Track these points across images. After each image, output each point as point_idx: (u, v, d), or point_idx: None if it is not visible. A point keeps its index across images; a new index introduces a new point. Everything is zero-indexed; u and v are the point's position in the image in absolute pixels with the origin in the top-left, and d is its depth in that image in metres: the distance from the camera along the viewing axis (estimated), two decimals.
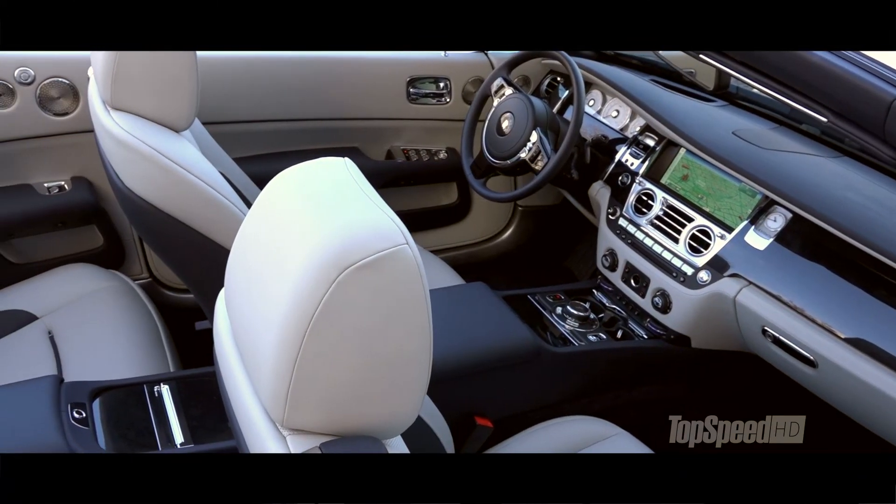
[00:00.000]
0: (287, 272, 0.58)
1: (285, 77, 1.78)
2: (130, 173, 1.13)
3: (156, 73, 1.11)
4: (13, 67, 1.49)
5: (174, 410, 1.19)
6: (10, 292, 1.60)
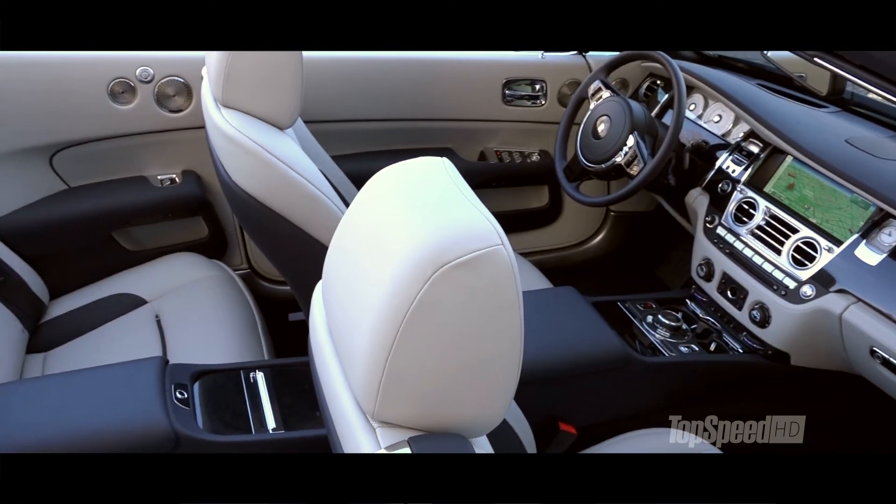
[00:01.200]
0: (383, 268, 0.59)
1: (384, 78, 1.81)
2: (237, 168, 1.19)
3: (264, 73, 1.16)
4: (135, 67, 1.59)
5: (268, 397, 1.24)
6: (124, 277, 1.71)
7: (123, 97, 1.62)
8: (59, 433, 1.06)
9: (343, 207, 1.24)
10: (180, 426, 1.09)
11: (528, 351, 0.66)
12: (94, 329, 1.58)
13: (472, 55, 1.87)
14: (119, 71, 1.58)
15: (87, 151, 1.67)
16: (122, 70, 1.58)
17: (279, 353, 1.60)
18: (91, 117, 1.61)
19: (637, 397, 1.41)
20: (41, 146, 1.63)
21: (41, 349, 1.55)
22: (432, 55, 1.84)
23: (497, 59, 1.88)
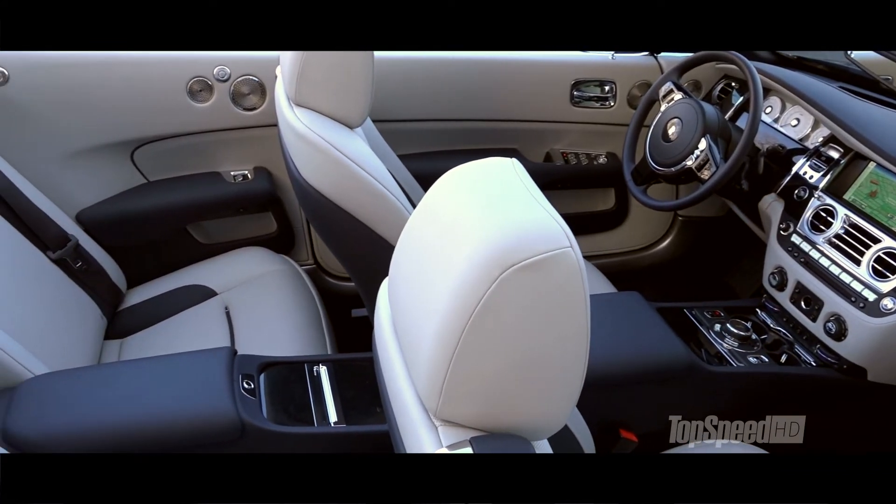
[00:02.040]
0: (451, 267, 0.59)
1: (452, 78, 1.82)
2: (307, 165, 1.21)
3: (336, 73, 1.18)
4: (213, 66, 1.65)
5: (330, 390, 1.26)
6: (196, 269, 1.77)
7: (201, 95, 1.67)
8: (132, 417, 1.11)
9: (409, 206, 1.25)
10: (247, 416, 1.12)
11: (590, 355, 0.65)
12: (167, 318, 1.64)
13: (540, 55, 1.86)
14: (198, 70, 1.64)
15: (165, 147, 1.74)
16: (200, 69, 1.64)
17: (341, 348, 1.62)
18: (170, 114, 1.67)
19: (701, 407, 1.37)
20: (123, 141, 1.70)
21: (118, 336, 1.62)
22: (501, 55, 1.84)
23: (566, 59, 1.86)
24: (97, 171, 1.71)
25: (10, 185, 1.45)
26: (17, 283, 1.38)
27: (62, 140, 1.64)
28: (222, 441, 1.12)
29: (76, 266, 1.55)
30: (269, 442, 1.13)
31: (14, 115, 1.57)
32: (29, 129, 1.59)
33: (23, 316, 1.32)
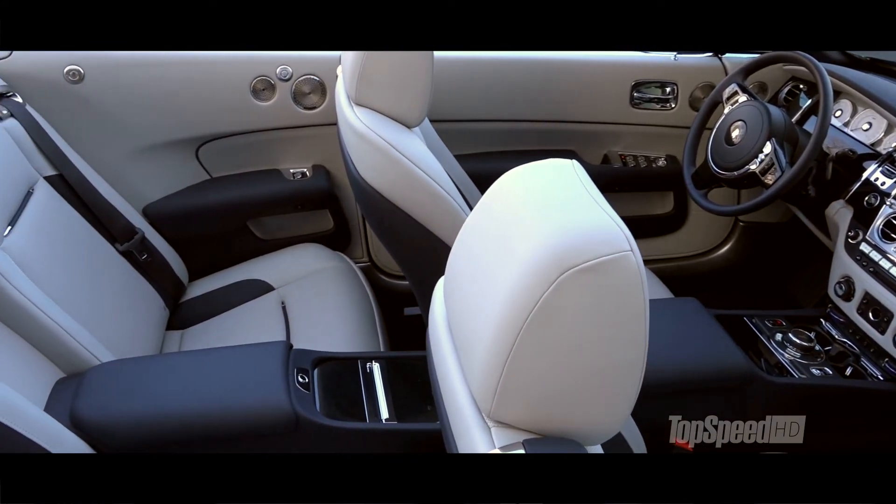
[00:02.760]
0: (508, 268, 0.59)
1: (509, 78, 1.82)
2: (365, 164, 1.23)
3: (396, 73, 1.19)
4: (276, 66, 1.68)
5: (382, 387, 1.27)
6: (254, 264, 1.82)
7: (264, 94, 1.71)
8: (191, 406, 1.14)
9: (465, 206, 1.25)
10: (301, 409, 1.14)
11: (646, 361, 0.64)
12: (226, 311, 1.69)
13: (600, 56, 1.83)
14: (261, 69, 1.68)
15: (228, 144, 1.79)
16: (264, 69, 1.68)
17: (393, 346, 1.64)
18: (234, 113, 1.72)
19: (760, 418, 1.33)
20: (189, 138, 1.76)
21: (179, 326, 1.68)
22: (560, 55, 1.82)
23: (627, 60, 1.83)
24: (163, 167, 1.77)
25: (83, 179, 1.51)
26: (89, 273, 1.44)
27: (132, 136, 1.70)
28: (276, 433, 1.14)
29: (142, 258, 1.60)
30: (321, 436, 1.15)
31: (88, 113, 1.64)
32: (101, 126, 1.66)
33: (92, 305, 1.38)
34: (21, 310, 1.19)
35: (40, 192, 1.41)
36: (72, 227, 1.46)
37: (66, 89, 1.60)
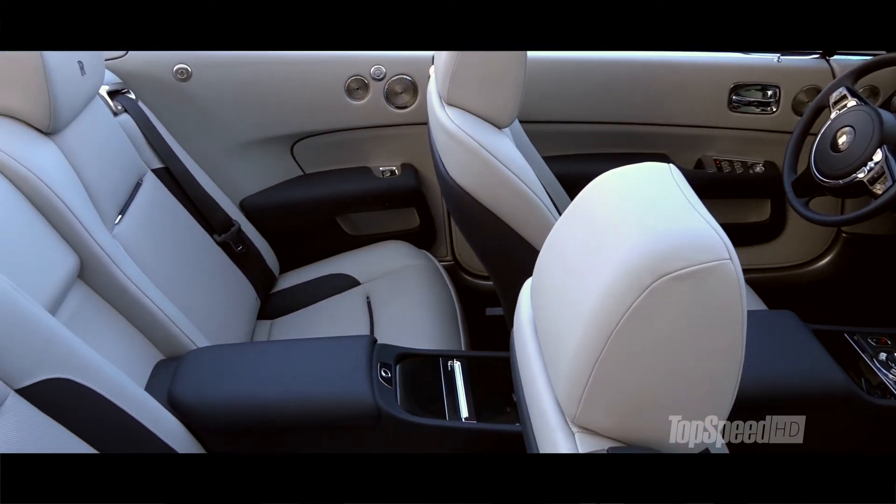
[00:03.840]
0: (600, 272, 0.58)
1: (599, 78, 1.79)
2: (454, 163, 1.23)
3: (489, 73, 1.19)
4: (370, 65, 1.72)
5: (463, 386, 1.27)
6: (342, 259, 1.86)
7: (357, 93, 1.75)
8: (278, 393, 1.18)
9: (552, 208, 1.24)
10: (383, 403, 1.15)
11: None
12: (313, 303, 1.74)
13: (697, 56, 1.77)
14: (356, 69, 1.72)
15: (321, 142, 1.84)
16: (358, 68, 1.72)
17: (474, 346, 1.64)
18: (328, 111, 1.77)
19: (857, 442, 1.26)
20: (285, 135, 1.82)
21: (269, 316, 1.74)
22: (652, 55, 1.78)
23: (726, 61, 1.77)
24: (260, 162, 1.84)
25: (187, 172, 1.59)
26: (189, 261, 1.51)
27: (232, 132, 1.78)
28: (358, 425, 1.16)
29: (237, 249, 1.67)
30: (401, 430, 1.16)
31: (193, 109, 1.72)
32: (205, 122, 1.75)
33: (191, 292, 1.45)
34: (128, 294, 1.26)
35: (148, 183, 1.50)
36: (175, 217, 1.54)
37: (174, 87, 1.69)
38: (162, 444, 1.05)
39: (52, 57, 1.21)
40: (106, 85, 1.53)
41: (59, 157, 1.25)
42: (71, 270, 1.19)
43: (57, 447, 0.89)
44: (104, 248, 1.24)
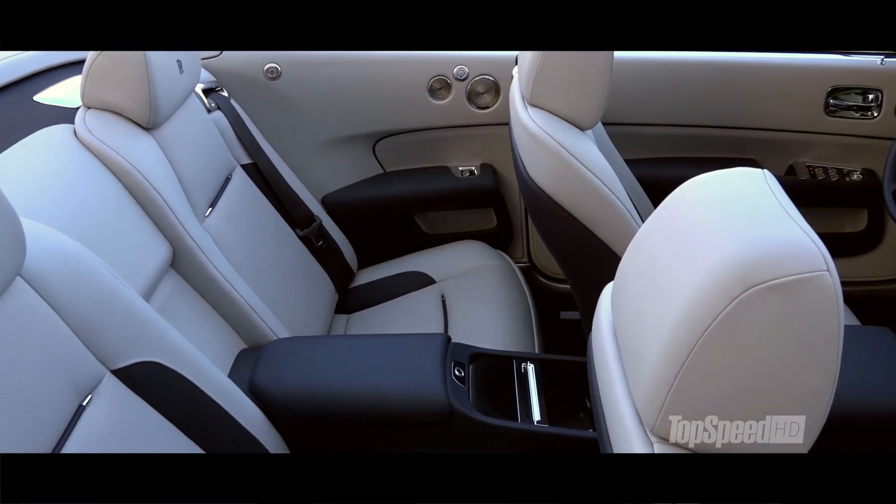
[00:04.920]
0: (687, 279, 0.57)
1: (683, 80, 1.74)
2: (535, 165, 1.23)
3: (574, 74, 1.18)
4: (453, 66, 1.73)
5: (535, 389, 1.26)
6: (419, 257, 1.88)
7: (440, 93, 1.77)
8: (354, 386, 1.20)
9: (634, 213, 1.21)
10: (455, 401, 1.16)
11: None
12: (389, 300, 1.76)
13: (791, 57, 1.70)
14: (439, 69, 1.74)
15: (403, 141, 1.86)
16: (442, 68, 1.74)
17: (547, 349, 1.63)
18: (411, 110, 1.79)
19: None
20: (368, 134, 1.86)
21: (346, 311, 1.77)
22: (744, 56, 1.71)
23: (823, 62, 1.68)
24: (343, 160, 1.88)
25: (273, 168, 1.64)
26: (272, 255, 1.56)
27: (317, 130, 1.83)
28: (431, 422, 1.17)
29: (318, 244, 1.71)
30: (473, 430, 1.17)
31: (282, 107, 1.78)
32: (292, 120, 1.80)
33: (274, 284, 1.50)
34: (216, 284, 1.32)
35: (237, 178, 1.55)
36: (260, 211, 1.60)
37: (264, 85, 1.75)
38: (242, 430, 1.08)
39: (154, 56, 1.27)
40: (201, 83, 1.60)
41: (157, 151, 1.32)
42: (164, 260, 1.26)
43: (146, 427, 0.94)
44: (195, 239, 1.30)
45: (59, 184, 1.15)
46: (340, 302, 1.78)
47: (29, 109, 1.32)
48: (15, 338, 0.79)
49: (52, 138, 1.23)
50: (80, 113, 1.29)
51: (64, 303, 0.86)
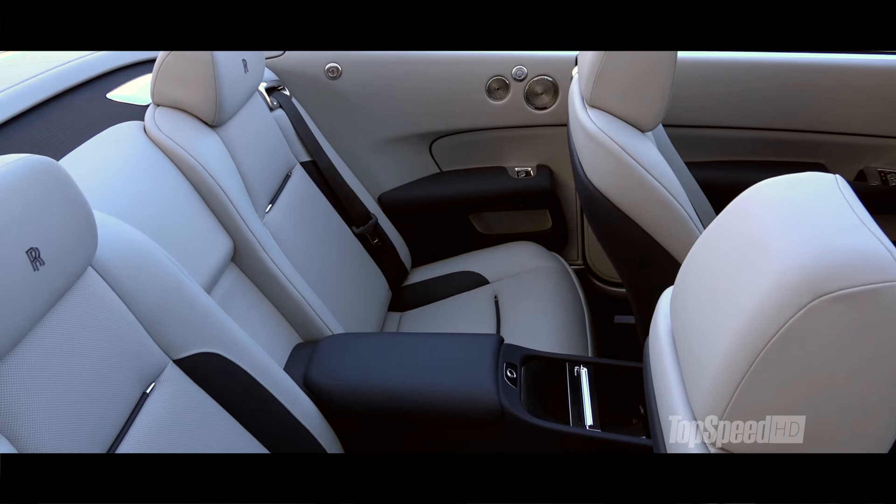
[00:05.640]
0: (752, 287, 0.55)
1: (748, 81, 1.68)
2: (594, 166, 1.21)
3: (636, 74, 1.16)
4: (512, 66, 1.72)
5: (588, 393, 1.25)
6: (472, 257, 1.88)
7: (498, 93, 1.77)
8: (406, 384, 1.21)
9: (695, 217, 1.19)
10: (507, 402, 1.16)
11: None
12: (442, 299, 1.77)
13: (864, 59, 1.63)
14: (498, 69, 1.73)
15: (459, 140, 1.87)
16: (500, 68, 1.73)
17: (600, 353, 1.61)
18: (468, 110, 1.79)
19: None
20: (425, 133, 1.87)
21: (399, 309, 1.79)
22: (812, 57, 1.65)
23: None
24: (399, 159, 1.89)
25: (332, 166, 1.67)
26: (328, 251, 1.59)
27: (375, 129, 1.85)
28: (482, 422, 1.17)
29: (373, 242, 1.73)
30: (525, 432, 1.16)
31: (341, 106, 1.81)
32: (350, 119, 1.82)
33: (329, 281, 1.52)
34: (274, 279, 1.35)
35: (296, 175, 1.59)
36: (318, 208, 1.62)
37: (325, 84, 1.78)
38: (296, 423, 1.10)
39: (221, 56, 1.31)
40: (264, 82, 1.64)
41: (221, 148, 1.35)
42: (226, 254, 1.29)
43: (205, 416, 0.96)
44: (256, 234, 1.33)
45: (128, 178, 1.19)
46: (394, 299, 1.80)
47: (102, 106, 1.38)
48: (86, 325, 0.82)
49: (123, 134, 1.27)
50: (149, 110, 1.34)
51: (131, 293, 0.90)
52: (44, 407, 0.74)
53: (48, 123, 1.26)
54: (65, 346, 0.79)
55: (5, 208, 0.71)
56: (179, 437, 0.90)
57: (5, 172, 0.72)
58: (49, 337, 0.77)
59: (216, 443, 0.96)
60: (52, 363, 0.76)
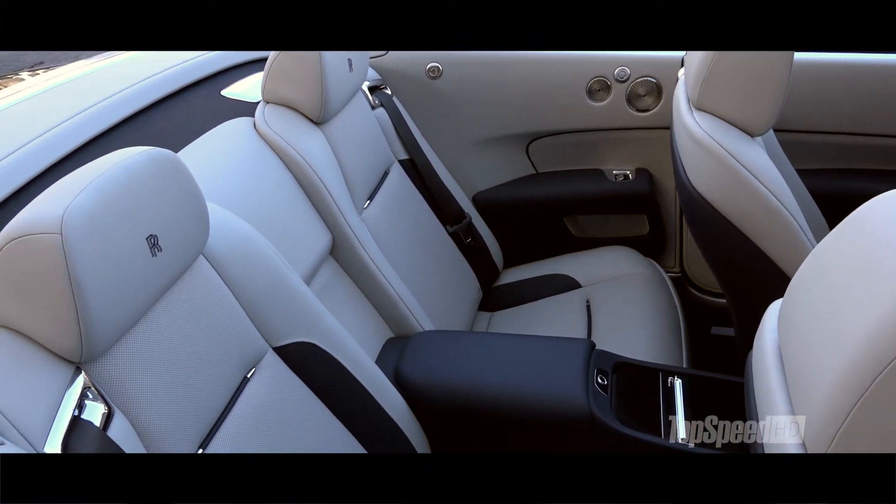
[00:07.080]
0: (872, 303, 0.52)
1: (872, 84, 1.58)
2: (698, 171, 1.17)
3: (747, 76, 1.11)
4: (614, 67, 1.69)
5: (682, 405, 1.21)
6: (565, 259, 1.86)
7: (598, 95, 1.74)
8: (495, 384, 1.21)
9: (805, 227, 1.12)
10: (596, 409, 1.14)
11: None
12: (533, 301, 1.76)
13: None
14: (599, 70, 1.70)
15: (557, 142, 1.85)
16: (602, 69, 1.70)
17: (695, 364, 1.55)
18: (567, 111, 1.77)
19: None
20: (522, 134, 1.86)
21: (489, 309, 1.79)
22: None
23: None
24: (496, 159, 1.90)
25: (429, 164, 1.69)
26: (422, 248, 1.61)
27: (473, 129, 1.86)
28: (570, 427, 1.16)
29: (466, 241, 1.74)
30: (613, 440, 1.14)
31: (440, 105, 1.83)
32: (449, 118, 1.84)
33: (422, 277, 1.54)
34: (370, 273, 1.38)
35: (394, 173, 1.62)
36: (414, 206, 1.65)
37: (425, 84, 1.80)
38: (385, 416, 1.13)
39: (329, 56, 1.35)
40: (367, 81, 1.68)
41: (324, 144, 1.40)
42: (325, 248, 1.33)
43: (300, 402, 1.00)
44: (354, 230, 1.36)
45: (236, 172, 1.25)
46: (484, 299, 1.80)
47: (216, 103, 1.45)
48: (197, 311, 0.87)
49: (234, 130, 1.34)
50: (259, 107, 1.40)
51: (238, 282, 0.94)
52: (154, 385, 0.79)
53: (168, 119, 1.34)
54: (175, 329, 0.83)
55: (130, 197, 0.76)
56: (276, 421, 0.93)
57: (130, 164, 0.78)
58: (161, 320, 0.82)
59: (309, 429, 1.00)
60: (163, 345, 0.81)
